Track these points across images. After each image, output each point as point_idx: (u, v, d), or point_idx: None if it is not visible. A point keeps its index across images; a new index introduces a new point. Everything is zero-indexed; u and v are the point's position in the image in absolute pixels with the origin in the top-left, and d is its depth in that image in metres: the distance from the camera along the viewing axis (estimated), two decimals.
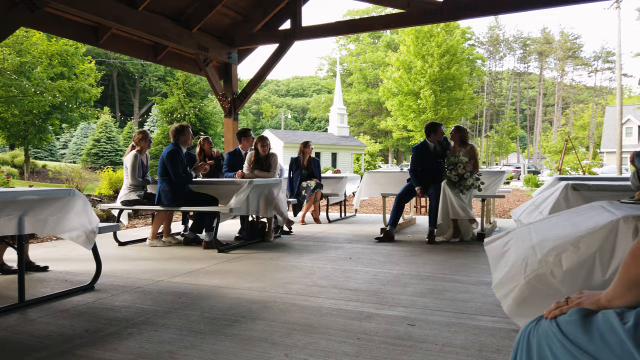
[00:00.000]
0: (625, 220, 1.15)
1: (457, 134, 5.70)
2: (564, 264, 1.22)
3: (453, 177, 5.34)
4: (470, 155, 5.49)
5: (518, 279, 1.28)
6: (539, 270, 1.25)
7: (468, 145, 5.65)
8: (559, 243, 1.23)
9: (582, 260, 1.20)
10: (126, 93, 54.28)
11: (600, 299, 0.91)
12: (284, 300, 3.08)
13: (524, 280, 1.27)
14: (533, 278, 1.26)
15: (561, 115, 61.70)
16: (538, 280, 1.25)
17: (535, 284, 1.26)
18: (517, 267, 1.30)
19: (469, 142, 5.69)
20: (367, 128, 52.05)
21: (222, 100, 8.64)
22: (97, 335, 2.46)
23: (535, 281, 1.26)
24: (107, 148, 31.18)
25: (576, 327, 0.88)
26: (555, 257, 1.23)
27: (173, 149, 5.12)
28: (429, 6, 7.10)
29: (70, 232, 3.11)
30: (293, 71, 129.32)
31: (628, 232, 1.13)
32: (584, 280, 1.21)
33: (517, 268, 1.30)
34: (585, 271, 1.21)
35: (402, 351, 2.22)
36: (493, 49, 64.89)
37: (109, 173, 9.66)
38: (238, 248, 5.18)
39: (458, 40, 30.85)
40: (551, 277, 1.24)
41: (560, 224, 1.36)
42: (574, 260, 1.21)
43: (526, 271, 1.27)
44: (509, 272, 1.33)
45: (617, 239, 1.15)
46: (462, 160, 5.34)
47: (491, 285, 3.43)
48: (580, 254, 1.20)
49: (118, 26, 6.44)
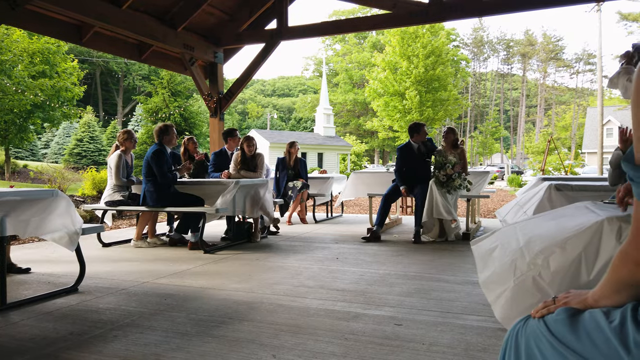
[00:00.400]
0: (609, 221, 1.17)
1: (451, 135, 5.74)
2: (551, 265, 1.24)
3: (441, 177, 5.39)
4: (459, 157, 5.55)
5: (508, 282, 1.30)
6: (528, 273, 1.26)
7: (459, 148, 5.71)
8: (546, 245, 1.25)
9: (569, 262, 1.22)
10: (109, 92, 53.56)
11: (587, 298, 0.93)
12: (271, 301, 3.07)
13: (514, 283, 1.28)
14: (522, 281, 1.28)
15: (544, 116, 62.58)
16: (527, 283, 1.27)
17: (524, 287, 1.27)
18: (506, 269, 1.31)
19: (460, 145, 5.76)
20: (353, 128, 52.19)
21: (208, 100, 8.58)
22: (81, 338, 2.42)
23: (524, 284, 1.27)
24: (90, 148, 30.71)
25: (564, 326, 0.89)
26: (544, 259, 1.24)
27: (157, 148, 5.07)
28: (414, 7, 7.14)
29: (53, 234, 3.06)
30: (279, 71, 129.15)
31: (612, 233, 1.15)
32: (571, 281, 1.23)
33: (506, 271, 1.31)
34: (572, 272, 1.23)
35: (390, 351, 2.23)
36: (477, 50, 65.58)
37: (92, 173, 9.53)
38: (224, 249, 5.15)
39: (443, 41, 31.10)
40: (540, 279, 1.25)
41: (545, 224, 1.38)
42: (561, 262, 1.23)
43: (515, 274, 1.29)
44: (499, 275, 1.34)
45: (601, 240, 1.17)
46: (451, 160, 5.40)
47: (477, 284, 3.46)
48: (566, 255, 1.22)
49: (102, 24, 6.36)
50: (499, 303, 1.35)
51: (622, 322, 0.82)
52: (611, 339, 0.81)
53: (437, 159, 5.48)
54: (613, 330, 0.82)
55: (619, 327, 0.81)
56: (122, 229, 6.98)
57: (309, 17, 21.96)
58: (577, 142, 51.06)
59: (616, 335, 0.81)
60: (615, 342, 0.80)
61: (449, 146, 5.72)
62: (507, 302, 1.32)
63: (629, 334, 0.79)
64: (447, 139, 5.75)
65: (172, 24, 7.43)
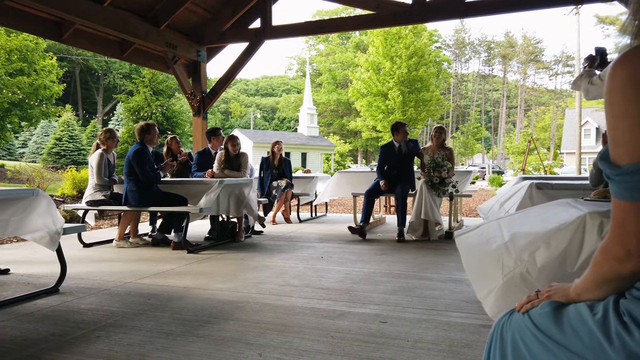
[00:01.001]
0: (591, 216, 1.20)
1: (441, 135, 5.80)
2: (538, 261, 1.27)
3: (434, 179, 5.43)
4: (447, 157, 5.61)
5: (496, 279, 1.33)
6: (515, 269, 1.29)
7: (448, 148, 5.77)
8: (530, 240, 1.28)
9: (554, 257, 1.25)
10: (89, 91, 52.63)
11: (570, 292, 0.95)
12: (256, 300, 3.07)
13: (503, 280, 1.31)
14: (511, 278, 1.30)
15: (524, 117, 63.57)
16: (516, 279, 1.30)
17: (513, 283, 1.30)
18: (494, 266, 1.34)
19: (447, 145, 5.82)
20: (336, 128, 52.28)
21: (191, 99, 8.51)
22: (63, 339, 2.39)
23: (513, 280, 1.30)
24: (70, 147, 30.17)
25: (548, 319, 0.91)
26: (530, 255, 1.28)
27: (139, 147, 5.01)
28: (398, 8, 7.19)
29: (34, 233, 3.01)
30: (262, 70, 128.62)
31: (594, 228, 1.19)
32: (557, 275, 1.26)
33: (493, 267, 1.34)
34: (558, 266, 1.26)
35: (375, 348, 2.25)
36: (459, 51, 66.31)
37: (72, 173, 9.36)
38: (208, 249, 5.12)
39: (425, 42, 31.37)
40: (527, 275, 1.28)
41: (529, 220, 1.42)
42: (547, 257, 1.26)
43: (503, 271, 1.31)
44: (486, 272, 1.37)
45: (584, 234, 1.21)
46: (447, 165, 5.45)
47: (460, 281, 3.51)
48: (551, 250, 1.25)
49: (82, 22, 6.26)
50: (489, 300, 1.37)
51: (604, 315, 0.84)
52: (594, 331, 0.83)
53: (436, 160, 5.48)
54: (596, 322, 0.84)
55: (602, 319, 0.84)
56: (103, 229, 6.88)
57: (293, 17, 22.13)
58: (556, 142, 52.02)
59: (599, 327, 0.83)
60: (598, 333, 0.82)
61: (437, 145, 5.76)
62: (497, 299, 1.35)
63: (611, 325, 0.82)
64: (438, 138, 5.79)
65: (154, 22, 7.35)
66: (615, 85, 0.80)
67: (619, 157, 0.79)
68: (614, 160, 0.80)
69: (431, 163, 5.51)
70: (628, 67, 0.79)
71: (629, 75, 0.78)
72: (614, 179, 0.81)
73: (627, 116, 0.78)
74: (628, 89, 0.78)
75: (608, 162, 0.82)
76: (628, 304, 0.82)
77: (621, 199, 0.80)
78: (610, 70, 0.82)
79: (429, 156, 5.63)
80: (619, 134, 0.79)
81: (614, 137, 0.80)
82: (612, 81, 0.81)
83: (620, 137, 0.79)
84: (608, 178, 0.83)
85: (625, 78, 0.78)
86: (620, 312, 0.82)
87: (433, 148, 5.74)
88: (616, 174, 0.80)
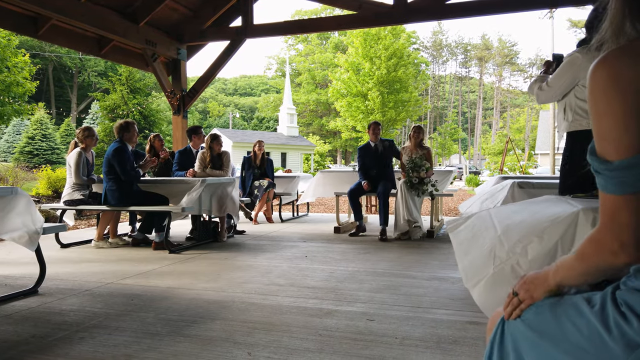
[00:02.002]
0: (584, 212, 1.24)
1: (419, 134, 5.85)
2: (529, 254, 1.30)
3: (414, 179, 5.48)
4: (425, 157, 5.66)
5: (487, 269, 1.35)
6: (507, 261, 1.32)
7: (426, 148, 5.82)
8: (524, 234, 1.31)
9: (546, 250, 1.28)
10: (63, 88, 51.40)
11: (550, 284, 0.97)
12: (242, 300, 3.04)
13: (493, 270, 1.33)
14: (502, 269, 1.33)
15: (499, 119, 64.75)
16: (506, 271, 1.32)
17: (503, 274, 1.33)
18: (485, 257, 1.36)
19: (425, 145, 5.88)
20: (315, 128, 52.30)
21: (171, 98, 8.40)
22: (45, 340, 2.33)
23: (503, 272, 1.33)
24: (43, 146, 29.37)
25: (545, 318, 0.93)
26: (522, 248, 1.30)
27: (119, 146, 4.92)
28: (379, 9, 7.24)
29: (12, 233, 2.93)
30: (241, 70, 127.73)
31: (587, 223, 1.22)
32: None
33: (485, 258, 1.36)
34: (549, 260, 1.29)
35: (364, 346, 2.26)
36: (436, 53, 67.13)
37: (47, 172, 9.14)
38: (190, 249, 5.06)
39: (404, 43, 31.65)
40: (518, 267, 1.31)
41: (520, 213, 1.45)
42: (539, 251, 1.29)
43: (495, 262, 1.34)
44: (478, 262, 1.39)
45: (576, 229, 1.24)
46: (426, 164, 5.50)
47: (444, 279, 3.55)
48: (544, 244, 1.28)
49: (59, 17, 6.11)
50: (478, 288, 1.39)
51: (602, 306, 0.86)
52: (592, 322, 0.85)
53: (415, 160, 5.53)
54: (595, 314, 0.86)
55: (600, 310, 0.86)
56: (80, 230, 6.74)
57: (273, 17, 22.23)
58: (530, 143, 53.11)
59: (597, 318, 0.85)
60: (596, 324, 0.84)
61: (415, 145, 5.81)
62: (485, 288, 1.37)
63: (609, 315, 0.84)
64: (416, 137, 5.83)
65: (133, 19, 7.24)
66: (596, 84, 0.84)
67: (606, 152, 0.83)
68: (600, 154, 0.84)
69: (410, 164, 5.57)
70: (608, 68, 0.83)
71: (608, 75, 0.82)
72: (603, 173, 0.84)
73: (609, 114, 0.82)
74: (608, 89, 0.82)
75: (596, 156, 0.85)
76: (625, 295, 0.85)
77: (611, 194, 0.83)
78: (591, 72, 0.86)
79: (407, 156, 5.69)
80: (602, 130, 0.84)
81: (599, 132, 0.84)
82: (593, 81, 0.85)
83: (606, 133, 0.83)
84: (597, 172, 0.86)
85: (605, 78, 0.83)
86: (618, 303, 0.84)
87: (411, 148, 5.80)
88: (605, 169, 0.83)
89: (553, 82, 2.70)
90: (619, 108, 0.80)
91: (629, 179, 0.81)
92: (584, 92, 2.54)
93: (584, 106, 2.56)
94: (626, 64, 0.81)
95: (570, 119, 2.65)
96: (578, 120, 2.61)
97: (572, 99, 2.64)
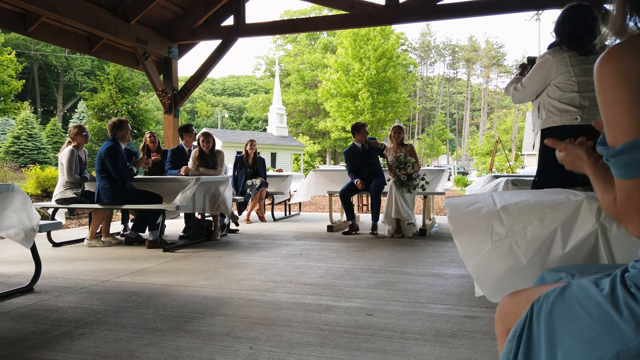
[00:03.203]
0: (588, 201, 1.28)
1: (400, 134, 5.90)
2: (528, 235, 1.34)
3: (402, 177, 5.53)
4: (410, 154, 5.72)
5: (485, 243, 1.38)
6: (505, 239, 1.35)
7: (408, 145, 5.88)
8: (524, 214, 1.35)
9: (546, 234, 1.32)
10: (48, 88, 50.62)
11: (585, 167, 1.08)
12: (240, 296, 3.05)
13: (491, 246, 1.37)
14: (499, 245, 1.36)
15: (487, 120, 65.35)
16: (504, 248, 1.36)
17: (500, 251, 1.36)
18: (483, 231, 1.39)
19: (406, 142, 5.94)
20: (304, 129, 52.25)
21: (162, 96, 8.36)
22: (45, 336, 2.32)
23: (501, 248, 1.36)
24: (29, 146, 28.95)
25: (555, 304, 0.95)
26: (522, 228, 1.34)
27: (112, 144, 4.89)
28: (371, 9, 7.29)
29: (8, 230, 2.90)
30: (229, 70, 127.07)
31: (591, 212, 1.26)
32: (545, 252, 1.33)
33: (482, 232, 1.39)
34: (547, 244, 1.33)
35: (364, 339, 2.29)
36: (424, 54, 67.54)
37: (36, 171, 9.03)
38: (184, 247, 5.05)
39: (393, 44, 31.79)
40: (516, 246, 1.35)
41: (522, 195, 1.48)
42: (538, 233, 1.33)
43: (493, 237, 1.37)
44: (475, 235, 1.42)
45: (578, 216, 1.28)
46: (411, 160, 5.56)
47: (439, 276, 3.59)
48: (544, 227, 1.32)
49: (50, 14, 6.05)
50: (474, 261, 1.42)
51: (612, 288, 0.90)
52: (602, 304, 0.88)
53: (400, 158, 5.59)
54: (604, 296, 0.89)
55: (610, 292, 0.89)
56: (71, 229, 6.68)
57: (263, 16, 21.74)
58: (517, 144, 53.66)
59: (607, 300, 0.88)
60: (606, 306, 0.87)
61: (397, 144, 5.87)
62: (481, 262, 1.40)
63: (619, 297, 0.87)
64: (397, 137, 5.89)
65: (124, 17, 7.19)
66: (604, 75, 0.90)
67: (614, 138, 0.88)
68: (610, 143, 0.89)
69: (395, 162, 5.63)
70: (614, 61, 0.90)
71: (615, 67, 0.89)
72: (612, 160, 0.89)
73: (616, 102, 0.88)
74: (616, 79, 0.88)
75: (605, 146, 0.90)
76: (635, 277, 0.88)
77: (622, 178, 0.88)
78: (598, 64, 0.92)
79: (392, 156, 5.74)
80: (611, 117, 0.89)
81: (608, 120, 0.90)
82: (600, 72, 0.91)
83: (612, 119, 0.89)
84: (607, 161, 0.90)
85: (612, 70, 0.89)
86: (628, 285, 0.88)
87: (394, 148, 5.85)
88: (612, 154, 0.88)
89: (527, 82, 2.82)
90: (625, 96, 0.86)
91: (636, 159, 0.85)
92: (556, 91, 2.66)
93: (556, 104, 2.67)
94: (631, 57, 0.87)
95: (544, 116, 2.75)
96: (551, 117, 2.71)
97: (545, 98, 2.75)
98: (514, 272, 1.37)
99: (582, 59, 2.60)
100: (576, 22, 2.62)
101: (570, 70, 2.60)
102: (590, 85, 2.57)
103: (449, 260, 4.27)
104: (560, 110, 2.65)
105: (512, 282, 1.38)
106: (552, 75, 2.67)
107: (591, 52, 2.57)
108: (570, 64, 2.60)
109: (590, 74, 2.57)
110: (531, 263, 1.35)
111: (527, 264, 1.36)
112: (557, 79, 2.64)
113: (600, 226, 1.27)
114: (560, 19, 2.72)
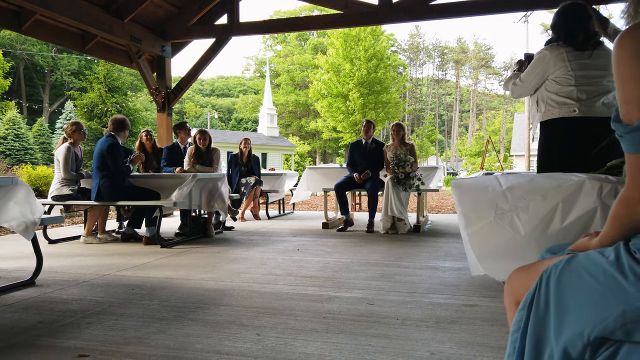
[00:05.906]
0: (590, 181, 1.35)
1: (401, 132, 5.97)
2: (530, 209, 1.42)
3: (400, 174, 5.60)
4: (409, 153, 5.80)
5: (488, 217, 1.45)
6: (507, 212, 1.43)
7: (409, 144, 5.96)
8: (529, 192, 1.42)
9: (547, 210, 1.40)
10: (34, 88, 49.95)
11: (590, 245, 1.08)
12: (242, 288, 3.10)
13: (493, 218, 1.44)
14: (501, 218, 1.44)
15: (475, 121, 65.89)
16: (505, 220, 1.43)
17: (502, 223, 1.44)
18: (487, 206, 1.46)
19: (408, 141, 6.02)
20: (295, 129, 52.26)
21: (155, 95, 8.36)
22: (53, 326, 2.34)
23: (503, 220, 1.44)
24: (16, 146, 28.53)
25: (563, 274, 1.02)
26: (525, 203, 1.42)
27: (113, 141, 4.91)
28: (365, 8, 7.37)
29: (10, 222, 2.92)
30: (218, 71, 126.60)
31: (593, 190, 1.33)
32: (545, 225, 1.40)
33: (486, 207, 1.46)
34: (548, 219, 1.40)
35: (368, 326, 2.35)
36: (414, 56, 67.93)
37: (27, 170, 8.97)
38: (181, 243, 5.07)
39: (384, 45, 31.95)
40: (517, 218, 1.42)
41: (525, 177, 1.56)
42: (540, 208, 1.40)
43: (496, 212, 1.44)
44: (479, 211, 1.49)
45: (580, 193, 1.36)
46: (410, 159, 5.63)
47: (436, 269, 3.65)
48: (546, 203, 1.40)
49: (44, 11, 6.04)
50: (475, 234, 1.49)
51: (617, 255, 0.96)
52: (608, 269, 0.95)
53: (399, 156, 5.66)
54: (610, 262, 0.96)
55: (615, 259, 0.96)
56: (66, 227, 6.66)
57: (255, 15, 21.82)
58: (505, 145, 54.21)
59: (613, 266, 0.95)
60: (612, 271, 0.94)
61: (398, 142, 5.94)
62: (482, 234, 1.48)
63: (624, 262, 0.94)
64: (398, 135, 5.97)
65: (118, 15, 7.19)
66: (622, 53, 0.97)
67: (629, 114, 0.95)
68: (624, 119, 0.95)
69: (394, 160, 5.70)
70: (631, 40, 0.96)
71: (632, 45, 0.95)
72: (625, 136, 0.95)
73: (633, 78, 0.95)
74: (633, 57, 0.95)
75: (619, 122, 0.96)
76: (638, 243, 0.95)
77: (634, 153, 0.94)
78: (616, 43, 0.98)
79: (392, 153, 5.82)
80: (627, 94, 0.96)
81: (624, 96, 0.96)
82: (619, 50, 0.97)
83: (628, 95, 0.95)
84: (620, 137, 0.97)
85: (630, 48, 0.95)
86: (632, 251, 0.95)
87: (395, 145, 5.93)
88: (627, 132, 0.94)
89: (525, 77, 2.92)
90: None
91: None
92: (554, 85, 2.76)
93: (554, 97, 2.77)
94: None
95: (543, 110, 2.85)
96: (550, 110, 2.80)
97: (543, 92, 2.85)
98: (510, 244, 1.44)
99: (578, 54, 2.69)
100: (571, 20, 2.73)
101: (567, 65, 2.69)
102: (587, 79, 2.67)
103: (444, 254, 4.35)
104: (559, 103, 2.74)
105: (506, 254, 1.44)
106: (550, 69, 2.76)
107: (586, 47, 2.67)
108: (567, 59, 2.70)
109: (586, 69, 2.67)
110: (529, 236, 1.42)
111: (524, 235, 1.42)
112: (555, 74, 2.74)
113: (601, 203, 1.34)
114: (556, 17, 2.84)
